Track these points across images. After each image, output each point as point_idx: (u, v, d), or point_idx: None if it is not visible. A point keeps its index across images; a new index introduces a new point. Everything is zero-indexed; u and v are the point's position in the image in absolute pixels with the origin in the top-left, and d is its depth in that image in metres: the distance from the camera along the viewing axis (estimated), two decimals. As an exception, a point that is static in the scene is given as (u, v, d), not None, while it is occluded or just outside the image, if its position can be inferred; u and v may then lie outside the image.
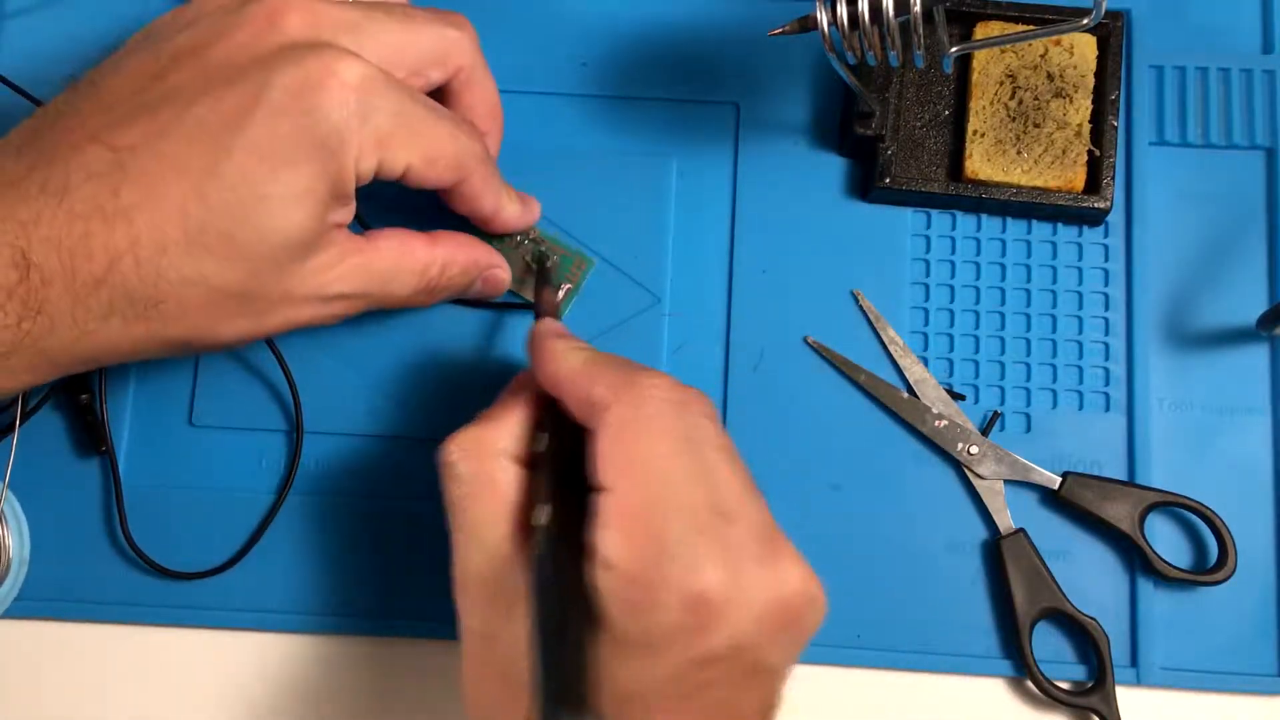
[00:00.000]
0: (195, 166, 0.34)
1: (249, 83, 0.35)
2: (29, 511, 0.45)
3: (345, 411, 0.46)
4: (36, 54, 0.49)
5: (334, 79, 0.35)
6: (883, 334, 0.46)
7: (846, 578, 0.44)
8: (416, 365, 0.46)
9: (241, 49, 0.36)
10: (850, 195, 0.47)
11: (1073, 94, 0.46)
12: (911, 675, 0.44)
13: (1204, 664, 0.44)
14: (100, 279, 0.34)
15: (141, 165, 0.34)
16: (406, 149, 0.37)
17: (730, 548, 0.32)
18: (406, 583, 0.45)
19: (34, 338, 0.34)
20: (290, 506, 0.45)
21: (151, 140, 0.35)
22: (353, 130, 0.35)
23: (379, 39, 0.38)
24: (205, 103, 0.35)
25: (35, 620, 0.45)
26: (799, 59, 0.48)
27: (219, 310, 0.36)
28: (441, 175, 0.39)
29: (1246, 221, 0.47)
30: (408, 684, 0.45)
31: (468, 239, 0.42)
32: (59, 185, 0.34)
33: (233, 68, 0.36)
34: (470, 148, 0.39)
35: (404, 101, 0.37)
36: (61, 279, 0.34)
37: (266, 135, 0.35)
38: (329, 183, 0.36)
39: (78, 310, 0.34)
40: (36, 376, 0.36)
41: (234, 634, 0.45)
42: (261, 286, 0.36)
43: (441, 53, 0.40)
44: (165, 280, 0.35)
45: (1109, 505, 0.44)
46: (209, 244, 0.35)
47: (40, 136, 0.36)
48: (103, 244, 0.34)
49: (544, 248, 0.45)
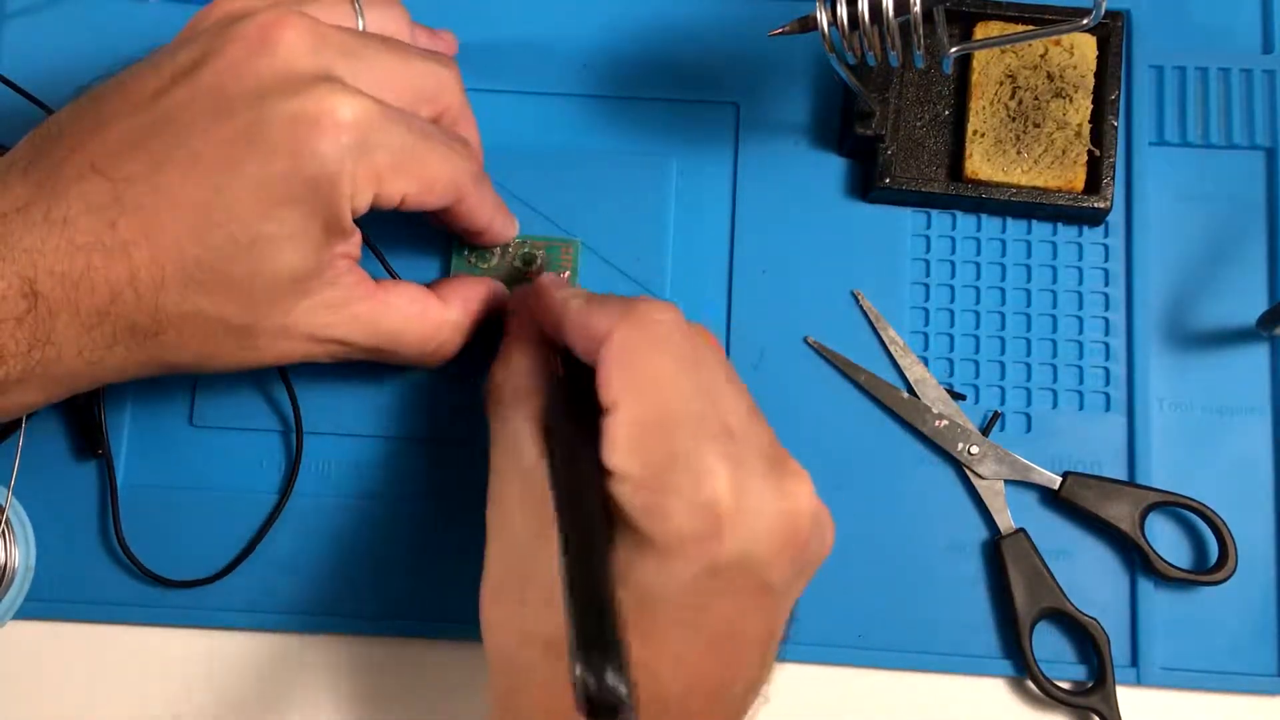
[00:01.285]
0: (190, 203, 0.35)
1: (242, 118, 0.35)
2: (28, 515, 0.45)
3: (345, 412, 0.46)
4: (36, 54, 0.49)
5: (328, 118, 0.35)
6: (883, 334, 0.46)
7: (847, 577, 0.44)
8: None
9: (235, 72, 0.35)
10: (850, 195, 0.47)
11: (1073, 94, 0.46)
12: (912, 675, 0.44)
13: (1204, 664, 0.44)
14: (103, 311, 0.35)
15: (138, 199, 0.35)
16: (403, 180, 0.37)
17: (738, 461, 0.33)
18: (407, 583, 0.45)
19: (44, 365, 0.35)
20: (290, 506, 0.45)
21: (148, 174, 0.35)
22: (347, 169, 0.35)
23: (375, 68, 0.38)
24: (199, 136, 0.35)
25: (35, 621, 0.45)
26: (799, 59, 0.48)
27: (216, 342, 0.37)
28: (440, 199, 0.39)
29: (1246, 221, 0.47)
30: (408, 684, 0.45)
31: (470, 285, 0.42)
32: (60, 215, 0.34)
33: (226, 96, 0.35)
34: (465, 168, 0.39)
35: (400, 134, 0.37)
36: (67, 310, 0.34)
37: (259, 175, 0.34)
38: (323, 221, 0.36)
39: (83, 340, 0.35)
40: (48, 397, 0.37)
41: (234, 634, 0.45)
42: (259, 320, 0.37)
43: (434, 88, 0.40)
44: (164, 314, 0.35)
45: (1109, 505, 0.44)
46: (204, 281, 0.35)
47: (44, 156, 0.36)
48: (104, 277, 0.34)
49: (527, 248, 0.46)
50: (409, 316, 0.40)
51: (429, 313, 0.40)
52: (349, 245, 0.38)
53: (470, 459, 0.43)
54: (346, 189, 0.35)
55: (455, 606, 0.45)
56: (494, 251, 0.46)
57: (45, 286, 0.34)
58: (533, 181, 0.47)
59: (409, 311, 0.40)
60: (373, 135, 0.35)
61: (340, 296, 0.38)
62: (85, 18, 0.49)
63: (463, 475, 0.45)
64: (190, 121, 0.35)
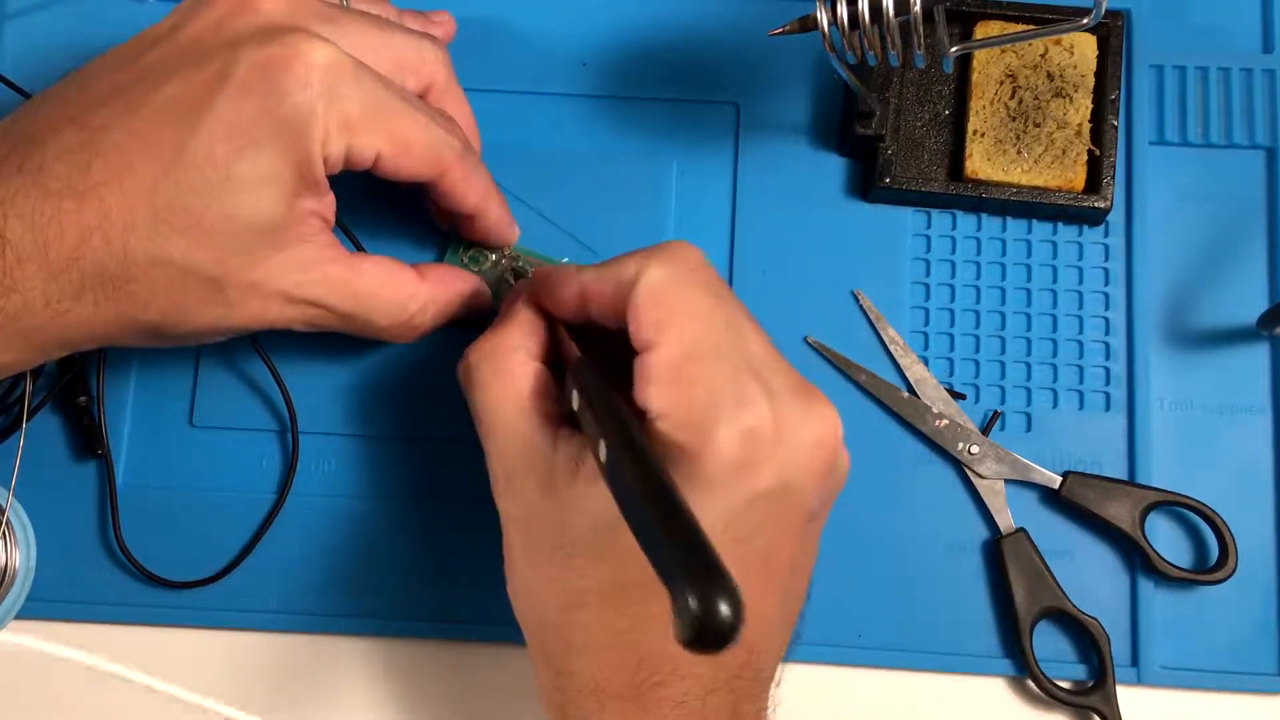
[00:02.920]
0: (163, 144, 0.35)
1: (217, 61, 0.35)
2: (28, 515, 0.45)
3: (345, 412, 0.46)
4: (36, 54, 0.49)
5: (299, 60, 0.35)
6: (883, 334, 0.46)
7: (847, 577, 0.44)
8: (417, 365, 0.46)
9: (214, 28, 0.36)
10: (850, 195, 0.47)
11: (1073, 94, 0.46)
12: (912, 675, 0.44)
13: (1205, 663, 0.44)
14: (71, 256, 0.35)
15: (112, 142, 0.35)
16: (376, 134, 0.37)
17: (771, 389, 0.33)
18: (406, 583, 0.45)
19: (9, 316, 0.35)
20: (290, 506, 0.45)
21: (122, 118, 0.35)
22: (317, 112, 0.35)
23: (356, 35, 0.38)
24: (175, 81, 0.35)
25: (35, 621, 0.45)
26: (799, 59, 0.48)
27: (187, 294, 0.36)
28: (416, 165, 0.38)
29: (1246, 221, 0.47)
30: (408, 684, 0.45)
31: (452, 271, 0.43)
32: (35, 164, 0.35)
33: (203, 47, 0.36)
34: (445, 139, 0.39)
35: (374, 88, 0.37)
36: (36, 257, 0.34)
37: (231, 114, 0.35)
38: (294, 164, 0.36)
39: (50, 288, 0.35)
40: (14, 357, 0.36)
41: (234, 634, 0.45)
42: (229, 273, 0.36)
43: (416, 59, 0.40)
44: (133, 259, 0.35)
45: (1109, 505, 0.44)
46: (175, 223, 0.35)
47: (26, 117, 0.37)
48: (74, 221, 0.34)
49: (521, 263, 0.45)
50: (382, 281, 0.40)
51: (402, 281, 0.40)
52: (321, 205, 0.38)
53: (470, 458, 0.43)
54: (318, 133, 0.36)
55: (454, 606, 0.45)
56: (488, 258, 0.46)
57: (14, 233, 0.34)
58: (532, 181, 0.47)
59: (382, 277, 0.40)
60: (344, 81, 0.36)
61: (312, 256, 0.38)
62: (85, 18, 0.49)
63: (462, 474, 0.45)
64: (167, 72, 0.36)
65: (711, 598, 0.24)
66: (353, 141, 0.36)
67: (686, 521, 0.27)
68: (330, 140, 0.36)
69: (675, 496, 0.28)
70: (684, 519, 0.27)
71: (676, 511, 0.27)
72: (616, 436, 0.31)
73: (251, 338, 0.45)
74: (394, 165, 0.38)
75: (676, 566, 0.26)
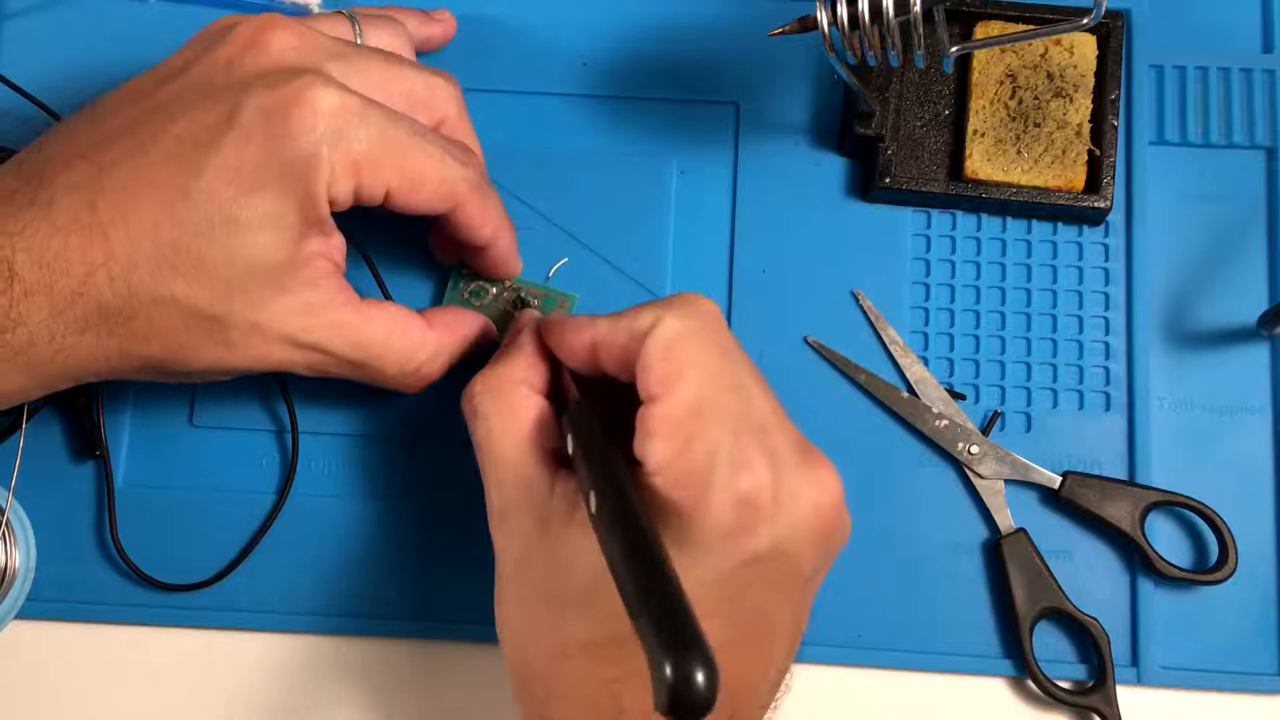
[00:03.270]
0: (169, 184, 0.35)
1: (225, 103, 0.35)
2: (28, 516, 0.45)
3: (345, 412, 0.46)
4: (36, 54, 0.49)
5: (305, 105, 0.35)
6: (883, 334, 0.46)
7: (847, 577, 0.44)
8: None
9: (225, 67, 0.36)
10: (850, 195, 0.47)
11: (1073, 94, 0.46)
12: (912, 675, 0.44)
13: (1204, 663, 0.44)
14: (76, 292, 0.35)
15: (119, 180, 0.35)
16: (385, 172, 0.37)
17: (773, 453, 0.33)
18: (405, 584, 0.45)
19: (15, 349, 0.35)
20: (290, 507, 0.45)
21: (131, 155, 0.35)
22: (322, 155, 0.35)
23: (367, 72, 0.38)
24: (183, 121, 0.35)
25: (35, 621, 0.45)
26: (799, 59, 0.48)
27: (189, 333, 0.36)
28: (430, 200, 0.38)
29: (1246, 221, 0.47)
30: (408, 684, 0.45)
31: (458, 314, 0.42)
32: (46, 198, 0.35)
33: (214, 86, 0.36)
34: (460, 172, 0.39)
35: (383, 125, 0.37)
36: (42, 290, 0.35)
37: (235, 157, 0.35)
38: (298, 208, 0.36)
39: (55, 322, 0.35)
40: (19, 385, 0.37)
41: (233, 634, 0.45)
42: (231, 313, 0.36)
43: (428, 95, 0.40)
44: (136, 297, 0.35)
45: (1109, 505, 0.44)
46: (178, 263, 0.35)
47: (38, 153, 0.37)
48: (80, 257, 0.35)
49: (523, 293, 0.45)
50: (390, 330, 0.39)
51: (411, 330, 0.40)
52: (328, 246, 0.38)
53: (470, 459, 0.43)
54: (323, 175, 0.35)
55: (453, 607, 0.45)
56: (489, 290, 0.45)
57: (22, 267, 0.34)
58: (532, 181, 0.47)
59: (390, 325, 0.39)
60: (351, 123, 0.36)
61: (320, 300, 0.37)
62: (85, 18, 0.49)
63: (461, 476, 0.45)
64: (177, 111, 0.36)
65: (687, 669, 0.24)
66: (361, 181, 0.36)
67: (669, 588, 0.27)
68: (336, 182, 0.36)
69: (661, 560, 0.28)
70: (667, 585, 0.27)
71: (660, 577, 0.27)
72: (608, 490, 0.30)
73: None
74: (405, 201, 0.38)
75: (655, 634, 0.26)
